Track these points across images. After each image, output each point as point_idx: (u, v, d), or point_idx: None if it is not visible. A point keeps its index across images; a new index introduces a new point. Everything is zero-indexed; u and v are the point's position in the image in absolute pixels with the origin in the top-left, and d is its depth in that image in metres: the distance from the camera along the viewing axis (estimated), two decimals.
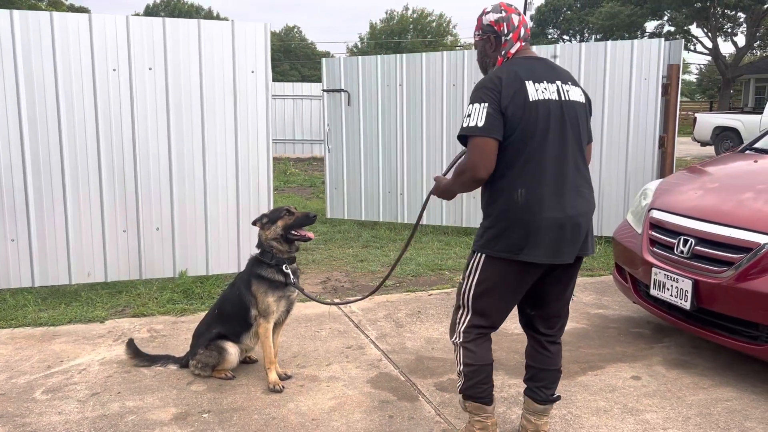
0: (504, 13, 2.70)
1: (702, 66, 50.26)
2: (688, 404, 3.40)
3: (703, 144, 19.34)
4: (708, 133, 18.85)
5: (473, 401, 2.81)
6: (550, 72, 2.66)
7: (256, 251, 3.66)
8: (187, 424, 3.16)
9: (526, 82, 2.55)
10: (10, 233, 4.95)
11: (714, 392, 3.54)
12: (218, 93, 5.33)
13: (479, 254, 2.69)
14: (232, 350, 3.61)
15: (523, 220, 2.57)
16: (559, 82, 2.64)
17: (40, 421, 3.18)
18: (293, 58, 53.97)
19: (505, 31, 2.68)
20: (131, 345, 3.84)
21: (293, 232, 3.53)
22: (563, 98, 2.62)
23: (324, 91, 8.28)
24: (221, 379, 3.64)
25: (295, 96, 18.58)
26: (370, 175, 8.15)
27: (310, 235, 3.57)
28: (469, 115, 2.53)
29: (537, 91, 2.56)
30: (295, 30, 58.32)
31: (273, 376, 3.55)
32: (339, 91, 8.15)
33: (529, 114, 2.53)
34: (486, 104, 2.50)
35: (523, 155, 2.55)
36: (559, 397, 2.98)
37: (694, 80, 53.50)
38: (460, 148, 2.88)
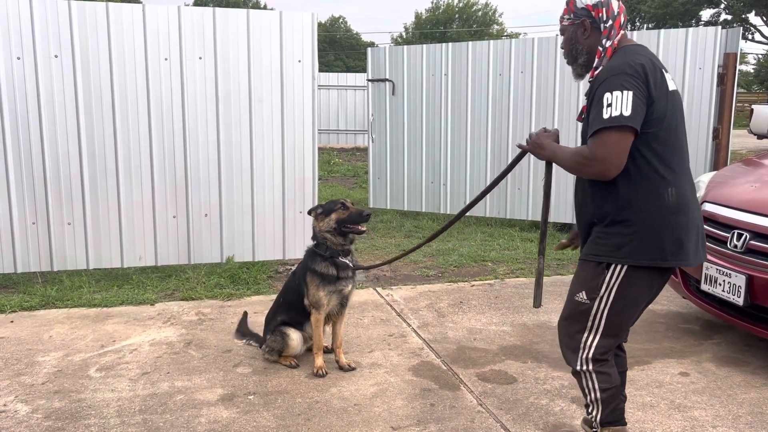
0: None
1: (760, 56, 48.24)
2: (739, 402, 3.31)
3: (760, 137, 18.54)
4: (765, 125, 18.09)
5: (614, 426, 2.58)
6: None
7: (312, 242, 3.68)
8: (233, 405, 3.24)
9: (662, 70, 2.37)
10: (66, 217, 5.14)
11: (766, 391, 3.43)
12: (266, 82, 5.40)
13: (618, 266, 2.41)
14: (295, 336, 3.68)
15: (674, 223, 2.37)
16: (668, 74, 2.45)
17: (95, 397, 3.31)
18: (338, 48, 54.19)
19: (604, 18, 2.44)
20: (243, 319, 4.14)
21: (346, 225, 3.53)
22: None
23: (369, 80, 8.30)
24: (285, 366, 3.70)
25: (339, 86, 18.68)
26: (413, 165, 8.14)
27: (362, 228, 3.55)
28: (609, 105, 2.25)
29: (669, 81, 2.39)
30: (341, 20, 58.50)
31: (319, 361, 3.61)
32: (384, 80, 8.16)
33: (672, 105, 2.37)
34: (631, 92, 2.25)
35: (670, 151, 2.38)
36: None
37: (752, 71, 51.45)
38: (506, 136, 2.66)
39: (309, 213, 3.71)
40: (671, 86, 2.39)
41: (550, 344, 4.09)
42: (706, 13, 37.40)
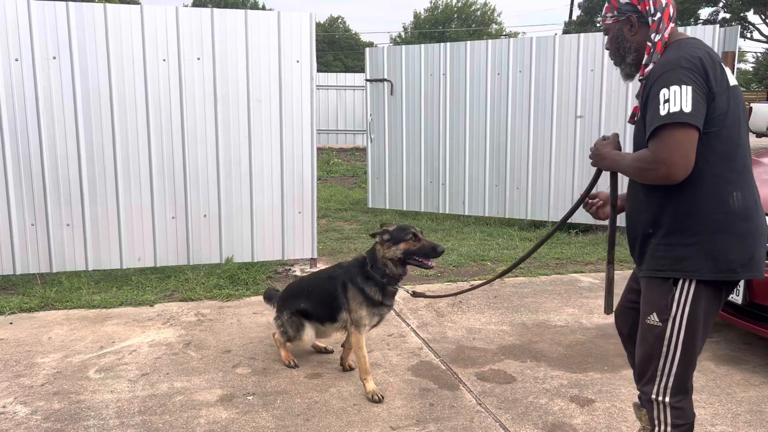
0: None
1: (759, 54, 48.28)
2: (737, 401, 3.31)
3: (759, 135, 18.65)
4: (764, 123, 18.16)
5: None
6: None
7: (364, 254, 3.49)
8: (232, 405, 3.25)
9: (721, 64, 2.17)
10: (65, 219, 5.14)
11: (765, 389, 3.44)
12: (264, 82, 5.40)
13: (687, 282, 2.19)
14: (310, 333, 3.64)
15: (742, 231, 2.17)
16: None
17: (94, 398, 3.31)
18: (337, 48, 54.19)
19: (651, 10, 2.25)
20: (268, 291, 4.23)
21: (414, 258, 3.28)
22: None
23: (367, 80, 8.30)
24: (284, 366, 3.70)
25: (338, 86, 18.70)
26: (412, 165, 8.15)
27: (431, 264, 3.28)
28: (667, 101, 2.05)
29: (730, 76, 2.17)
30: (339, 21, 58.49)
31: (370, 386, 3.37)
32: (382, 80, 8.16)
33: (734, 101, 2.16)
34: (690, 87, 2.05)
35: (733, 151, 2.16)
36: None
37: (750, 69, 51.49)
38: (505, 135, 2.55)
39: (372, 236, 3.36)
40: (732, 81, 2.19)
41: (549, 343, 4.09)
42: (704, 12, 37.44)
